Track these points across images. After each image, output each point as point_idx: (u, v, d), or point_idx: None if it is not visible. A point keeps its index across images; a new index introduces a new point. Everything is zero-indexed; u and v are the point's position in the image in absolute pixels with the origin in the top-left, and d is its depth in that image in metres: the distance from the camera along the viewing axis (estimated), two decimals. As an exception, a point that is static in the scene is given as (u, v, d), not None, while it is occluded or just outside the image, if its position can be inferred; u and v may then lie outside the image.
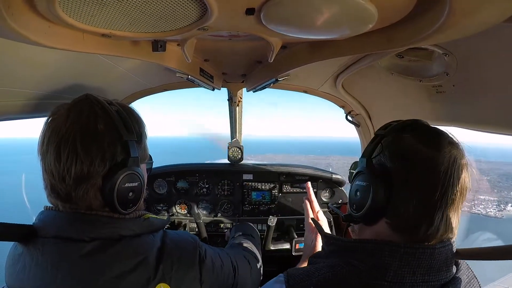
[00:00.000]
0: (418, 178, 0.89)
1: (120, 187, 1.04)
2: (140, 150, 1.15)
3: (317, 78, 2.26)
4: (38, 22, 0.85)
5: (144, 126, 1.23)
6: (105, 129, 1.04)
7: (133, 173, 1.07)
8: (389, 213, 0.93)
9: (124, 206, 1.07)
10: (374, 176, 0.95)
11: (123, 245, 1.03)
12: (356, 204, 1.01)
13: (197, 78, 1.86)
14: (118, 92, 2.36)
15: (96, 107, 1.07)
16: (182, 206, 2.98)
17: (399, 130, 0.99)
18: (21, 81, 1.38)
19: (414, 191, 0.89)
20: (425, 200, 0.88)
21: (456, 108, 1.52)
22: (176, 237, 1.17)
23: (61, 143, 1.00)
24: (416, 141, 0.93)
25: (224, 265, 1.27)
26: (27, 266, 1.00)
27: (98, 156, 1.02)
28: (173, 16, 0.90)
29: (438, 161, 0.88)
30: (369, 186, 0.94)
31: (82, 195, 1.03)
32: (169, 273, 1.04)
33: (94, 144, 1.02)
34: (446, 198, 0.88)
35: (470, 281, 1.00)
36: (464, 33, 0.85)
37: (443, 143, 0.91)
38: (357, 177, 1.02)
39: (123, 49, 1.23)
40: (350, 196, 1.06)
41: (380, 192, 0.92)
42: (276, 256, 2.81)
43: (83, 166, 1.00)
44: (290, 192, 3.01)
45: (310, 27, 0.96)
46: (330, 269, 0.94)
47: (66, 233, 1.01)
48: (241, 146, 2.99)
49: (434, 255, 0.87)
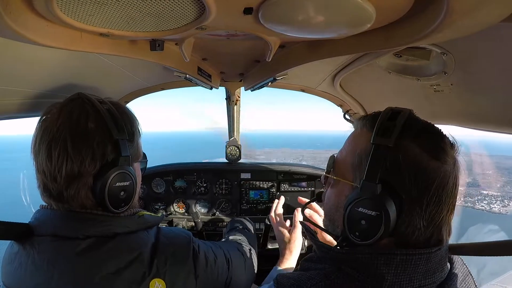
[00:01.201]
0: (431, 197, 0.82)
1: (111, 187, 1.04)
2: (132, 149, 1.16)
3: (315, 77, 2.26)
4: (35, 21, 0.85)
5: (137, 124, 1.23)
6: (95, 128, 1.05)
7: (124, 172, 1.08)
8: (396, 233, 0.85)
9: (116, 205, 1.08)
10: (386, 203, 0.82)
11: (118, 242, 1.04)
12: (361, 233, 0.86)
13: (195, 77, 1.86)
14: (116, 91, 2.36)
15: (87, 106, 1.08)
16: (180, 205, 2.99)
17: (400, 137, 0.85)
18: (18, 80, 1.38)
19: (427, 212, 0.83)
20: (437, 217, 0.84)
21: (454, 107, 1.52)
22: (170, 233, 1.18)
23: (52, 142, 1.02)
24: (422, 152, 0.83)
25: (217, 259, 1.27)
26: (23, 265, 1.00)
27: (88, 155, 1.03)
28: (171, 15, 0.90)
29: (446, 174, 0.83)
30: (381, 215, 0.82)
31: (74, 194, 1.04)
32: (163, 268, 1.05)
33: (84, 144, 1.03)
34: (451, 208, 0.86)
35: (465, 278, 0.98)
36: (462, 33, 0.85)
37: (446, 149, 0.85)
38: (360, 202, 0.86)
39: (121, 48, 1.22)
40: (351, 223, 0.88)
41: (393, 218, 0.81)
42: (273, 255, 2.81)
43: (73, 166, 1.02)
44: (288, 191, 3.01)
45: (308, 26, 0.96)
46: (323, 278, 0.88)
47: (61, 231, 1.02)
48: (239, 145, 2.99)
49: (431, 259, 0.85)
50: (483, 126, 1.42)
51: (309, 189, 3.02)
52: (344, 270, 0.88)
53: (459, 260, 1.01)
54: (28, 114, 1.70)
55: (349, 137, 1.03)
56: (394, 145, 0.84)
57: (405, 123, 0.87)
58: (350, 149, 0.98)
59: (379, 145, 0.85)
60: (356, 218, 0.87)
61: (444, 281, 0.89)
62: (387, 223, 0.81)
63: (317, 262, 0.98)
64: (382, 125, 0.89)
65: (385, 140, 0.85)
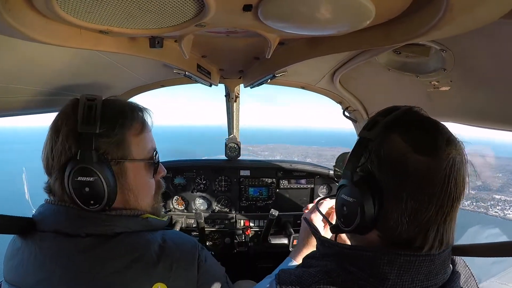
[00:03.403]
0: (411, 191, 0.80)
1: (72, 180, 1.02)
2: (109, 145, 1.08)
3: (314, 74, 2.27)
4: (35, 18, 0.85)
5: (128, 120, 1.13)
6: (66, 122, 1.06)
7: (85, 167, 1.02)
8: (380, 226, 0.86)
9: (84, 201, 1.04)
10: (361, 192, 0.85)
11: (119, 241, 1.04)
12: (344, 219, 0.93)
13: (194, 74, 1.86)
14: (115, 89, 2.36)
15: (70, 103, 1.11)
16: (179, 202, 2.99)
17: (387, 130, 0.86)
18: (24, 79, 1.41)
19: (407, 205, 0.81)
20: (420, 216, 0.80)
21: (454, 103, 1.53)
22: (177, 238, 1.15)
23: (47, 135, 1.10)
24: (407, 145, 0.82)
25: (220, 272, 1.26)
26: (25, 261, 1.01)
27: (56, 149, 1.05)
28: (170, 12, 0.90)
29: (434, 169, 0.80)
30: (356, 202, 0.86)
31: (53, 186, 1.08)
32: (168, 273, 1.04)
33: (55, 138, 1.06)
34: (442, 210, 0.81)
35: (468, 280, 0.98)
36: (461, 30, 0.85)
37: (440, 144, 0.81)
38: (342, 189, 0.93)
39: (120, 46, 1.22)
40: (337, 208, 0.96)
41: (369, 209, 0.84)
42: (272, 252, 2.83)
43: (48, 159, 1.07)
44: (288, 188, 3.02)
45: (308, 23, 0.96)
46: (325, 275, 0.88)
47: (63, 228, 1.03)
48: (238, 142, 2.99)
49: (434, 261, 0.84)
50: (483, 123, 1.42)
51: (308, 186, 3.03)
52: (346, 268, 0.87)
53: (462, 261, 1.01)
54: (35, 110, 1.73)
55: None
56: (380, 138, 0.86)
57: (396, 118, 0.88)
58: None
59: (363, 137, 0.90)
60: (340, 204, 0.94)
61: (446, 283, 0.89)
62: (362, 210, 0.84)
63: (319, 259, 0.98)
64: (372, 120, 0.92)
65: (368, 133, 0.89)
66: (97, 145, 1.04)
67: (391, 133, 0.85)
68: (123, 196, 1.13)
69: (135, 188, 1.16)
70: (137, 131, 1.16)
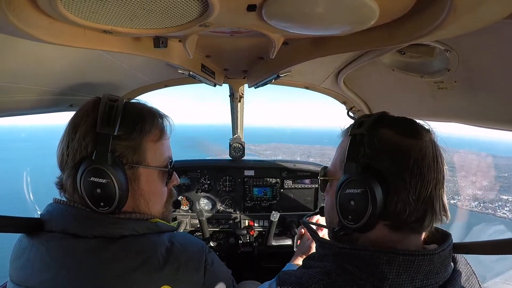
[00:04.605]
0: (411, 171, 0.87)
1: (84, 180, 1.02)
2: (125, 149, 1.08)
3: (318, 74, 2.26)
4: (39, 18, 0.85)
5: (148, 126, 1.13)
6: (85, 120, 1.06)
7: (99, 168, 1.02)
8: (388, 214, 0.88)
9: (94, 202, 1.04)
10: (368, 180, 0.88)
11: (126, 244, 1.04)
12: (353, 215, 0.93)
13: (198, 74, 1.87)
14: (119, 89, 2.37)
15: (92, 101, 1.11)
16: (183, 202, 2.99)
17: (376, 125, 0.96)
18: (30, 79, 1.43)
19: (412, 185, 0.86)
20: (424, 191, 0.87)
21: (458, 104, 1.52)
22: (184, 241, 1.14)
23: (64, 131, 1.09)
24: (396, 134, 0.92)
25: (226, 275, 1.26)
26: (31, 261, 1.01)
27: (72, 146, 1.05)
28: (174, 12, 0.90)
29: (424, 149, 0.89)
30: (366, 192, 0.88)
31: (65, 182, 1.08)
32: (174, 276, 1.04)
33: (72, 135, 1.06)
34: (440, 183, 0.90)
35: (469, 278, 0.98)
36: (465, 30, 0.85)
37: (421, 131, 0.93)
38: (346, 185, 0.94)
39: (124, 45, 1.23)
40: (342, 207, 0.96)
41: (379, 195, 0.87)
42: (277, 252, 2.82)
43: (63, 155, 1.06)
44: (292, 188, 3.02)
45: (312, 23, 0.96)
46: (325, 276, 0.89)
47: (71, 229, 1.03)
48: (242, 142, 2.99)
49: (434, 260, 0.85)
50: (487, 124, 1.41)
51: (312, 186, 3.03)
52: (346, 268, 0.88)
53: (463, 259, 1.01)
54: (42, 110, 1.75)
55: (337, 148, 1.13)
56: (370, 132, 0.94)
57: (380, 116, 0.99)
58: (337, 154, 1.10)
59: (356, 134, 0.97)
60: (345, 201, 0.94)
61: (447, 281, 0.90)
62: (374, 199, 0.87)
63: (319, 260, 0.99)
64: (357, 121, 1.02)
65: (359, 130, 0.97)
66: (113, 147, 1.05)
67: (380, 127, 0.95)
68: (134, 200, 1.13)
69: (147, 194, 1.16)
70: (156, 137, 1.16)
